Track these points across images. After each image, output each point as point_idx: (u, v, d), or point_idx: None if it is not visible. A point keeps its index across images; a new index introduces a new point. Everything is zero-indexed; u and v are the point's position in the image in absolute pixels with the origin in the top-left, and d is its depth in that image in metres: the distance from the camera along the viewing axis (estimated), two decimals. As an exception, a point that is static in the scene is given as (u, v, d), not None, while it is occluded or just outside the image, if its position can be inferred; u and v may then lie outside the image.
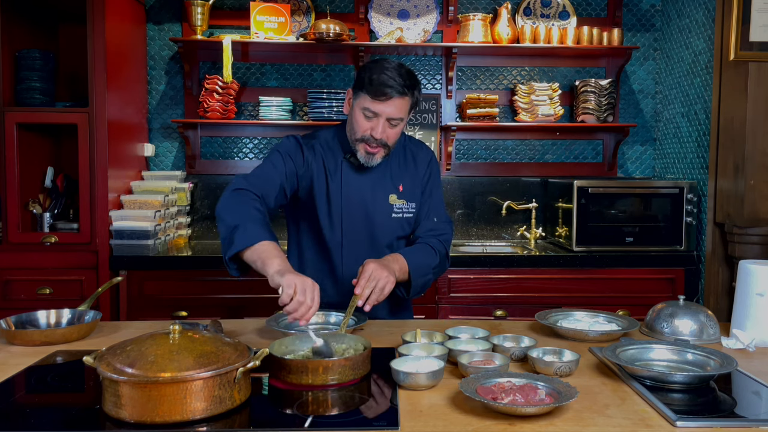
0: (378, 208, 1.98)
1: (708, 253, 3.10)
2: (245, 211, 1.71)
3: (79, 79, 3.35)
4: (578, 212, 3.21)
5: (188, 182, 3.61)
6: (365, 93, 1.83)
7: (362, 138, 1.87)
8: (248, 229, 1.66)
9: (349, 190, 1.95)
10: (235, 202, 1.74)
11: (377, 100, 1.82)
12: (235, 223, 1.68)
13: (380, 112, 1.83)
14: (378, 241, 1.99)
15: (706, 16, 3.16)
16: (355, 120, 1.88)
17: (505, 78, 3.77)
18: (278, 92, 3.67)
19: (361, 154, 1.90)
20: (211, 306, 3.08)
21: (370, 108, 1.83)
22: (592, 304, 2.92)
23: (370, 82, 1.81)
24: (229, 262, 1.69)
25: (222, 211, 1.74)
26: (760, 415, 1.32)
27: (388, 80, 1.80)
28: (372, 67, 1.85)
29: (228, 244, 1.68)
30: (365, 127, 1.86)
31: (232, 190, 1.79)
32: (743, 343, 1.70)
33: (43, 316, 1.83)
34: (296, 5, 3.64)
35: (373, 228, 1.98)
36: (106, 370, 1.22)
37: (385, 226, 1.99)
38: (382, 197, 1.98)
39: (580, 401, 1.32)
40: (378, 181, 1.98)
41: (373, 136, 1.85)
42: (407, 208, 2.01)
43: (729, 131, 2.95)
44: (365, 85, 1.83)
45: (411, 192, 2.03)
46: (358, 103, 1.87)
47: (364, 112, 1.85)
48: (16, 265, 3.04)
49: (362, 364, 1.45)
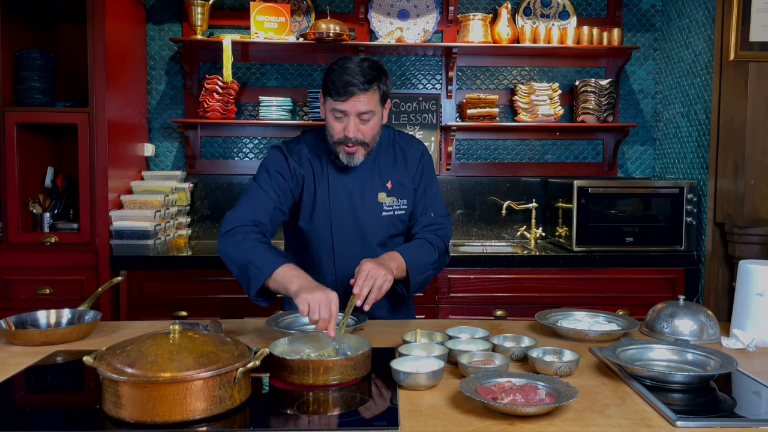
0: (367, 208, 1.97)
1: (708, 253, 3.10)
2: (249, 247, 1.73)
3: (79, 79, 3.35)
4: (578, 212, 3.21)
5: (188, 182, 3.61)
6: (329, 95, 1.84)
7: (338, 140, 1.88)
8: (257, 263, 1.69)
9: (337, 191, 1.95)
10: (235, 242, 1.76)
11: (341, 100, 1.81)
12: (244, 262, 1.71)
13: (348, 110, 1.83)
14: (369, 241, 1.98)
15: (706, 16, 3.16)
16: (329, 123, 1.88)
17: (505, 78, 3.77)
18: (278, 92, 3.67)
19: (342, 155, 1.90)
20: (211, 306, 3.08)
21: (337, 108, 1.83)
22: (592, 304, 2.92)
23: (332, 83, 1.81)
24: (256, 297, 1.73)
25: (225, 255, 1.77)
26: (760, 415, 1.32)
27: (349, 79, 1.80)
28: (333, 68, 1.85)
29: (246, 283, 1.72)
30: (338, 129, 1.86)
31: (225, 232, 1.80)
32: (743, 343, 1.70)
33: (43, 316, 1.83)
34: (296, 5, 3.64)
35: (363, 228, 1.97)
36: (106, 370, 1.22)
37: (376, 225, 1.98)
38: (371, 196, 1.98)
39: (580, 401, 1.32)
40: (365, 180, 1.98)
41: (347, 135, 1.85)
42: (398, 205, 2.00)
43: (729, 131, 2.95)
44: (329, 87, 1.83)
45: (401, 189, 2.01)
46: (327, 106, 1.87)
47: (333, 114, 1.85)
48: (16, 265, 3.04)
49: (363, 363, 1.45)
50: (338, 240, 1.96)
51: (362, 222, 1.96)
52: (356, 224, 1.96)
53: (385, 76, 1.88)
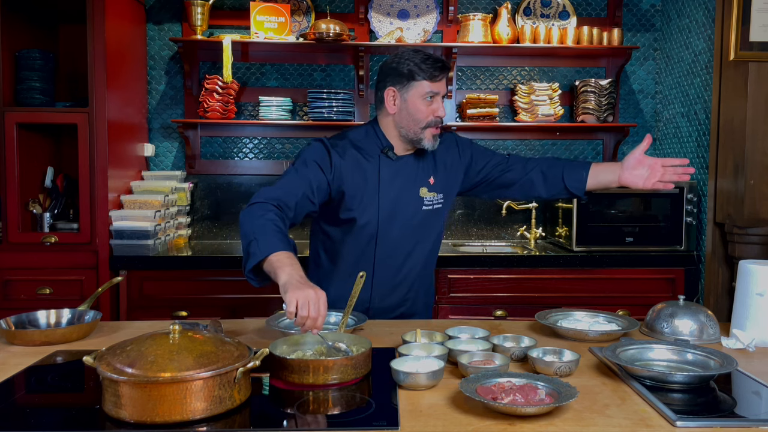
0: (410, 202, 2.02)
1: (708, 253, 3.10)
2: (260, 224, 1.73)
3: (79, 79, 3.35)
4: (578, 212, 3.21)
5: (188, 182, 3.61)
6: (421, 79, 1.89)
7: (429, 123, 1.93)
8: (261, 241, 1.68)
9: (386, 185, 1.99)
10: (252, 216, 1.77)
11: (437, 80, 1.90)
12: (250, 237, 1.71)
13: (439, 90, 1.92)
14: (410, 236, 2.03)
15: (706, 16, 3.16)
16: (416, 110, 1.92)
17: (505, 78, 3.77)
18: (278, 92, 3.67)
19: (428, 140, 1.95)
20: (211, 306, 3.08)
21: (432, 90, 1.90)
22: (592, 304, 2.92)
23: (420, 68, 1.89)
24: (249, 274, 1.72)
25: (241, 225, 1.78)
26: (760, 415, 1.32)
27: (434, 62, 1.89)
28: (407, 57, 1.92)
29: (245, 258, 1.71)
30: (428, 112, 1.92)
31: (251, 204, 1.82)
32: (743, 343, 1.70)
33: (43, 316, 1.83)
34: (296, 5, 3.64)
35: (406, 222, 2.01)
36: (106, 370, 1.22)
37: (417, 219, 2.03)
38: (414, 191, 2.02)
39: (580, 401, 1.32)
40: (410, 175, 2.02)
41: (439, 116, 1.93)
42: (437, 199, 2.06)
43: (729, 131, 2.95)
44: (419, 71, 1.89)
45: (442, 183, 2.08)
46: (415, 93, 1.91)
47: (424, 98, 1.91)
48: (16, 265, 3.04)
49: (363, 363, 1.45)
50: (382, 233, 1.99)
51: (405, 215, 2.01)
52: (399, 218, 2.00)
53: None
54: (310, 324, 1.52)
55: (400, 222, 2.00)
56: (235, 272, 3.07)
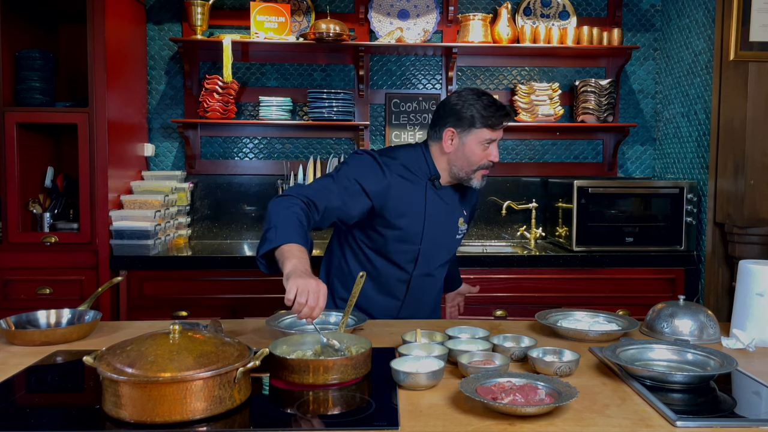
0: (450, 229, 2.10)
1: (708, 253, 3.10)
2: (284, 215, 1.77)
3: (79, 79, 3.35)
4: (578, 212, 3.21)
5: (188, 182, 3.61)
6: (482, 127, 1.93)
7: (482, 166, 1.99)
8: (280, 230, 1.72)
9: (432, 210, 2.03)
10: (279, 206, 1.81)
11: (498, 129, 1.96)
12: (271, 225, 1.75)
13: (497, 137, 1.98)
14: (442, 258, 2.13)
15: (706, 16, 3.16)
16: (472, 153, 1.96)
17: (505, 78, 3.77)
18: (278, 92, 3.67)
19: (477, 180, 2.02)
20: (211, 306, 3.08)
21: (490, 138, 1.95)
22: (592, 304, 2.92)
23: (482, 116, 1.92)
24: (261, 259, 1.75)
25: (269, 210, 1.82)
26: (760, 415, 1.32)
27: (497, 110, 1.93)
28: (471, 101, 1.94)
29: (261, 242, 1.75)
30: (482, 156, 1.97)
31: (281, 195, 1.87)
32: (743, 343, 1.70)
33: (43, 316, 1.83)
34: (296, 5, 3.64)
35: (442, 246, 2.10)
36: (106, 370, 1.22)
37: (451, 245, 2.15)
38: (453, 220, 2.10)
39: (580, 401, 1.32)
40: (452, 205, 2.10)
41: (492, 160, 1.99)
42: (463, 230, 2.16)
43: (729, 131, 2.95)
44: (478, 120, 1.92)
45: (468, 216, 2.20)
46: (474, 138, 1.95)
47: (482, 144, 1.95)
48: (16, 265, 3.04)
49: (363, 363, 1.45)
50: (423, 255, 2.05)
51: (444, 241, 2.10)
52: (439, 242, 2.08)
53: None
54: (307, 312, 1.53)
55: (439, 247, 2.08)
56: (235, 272, 3.07)
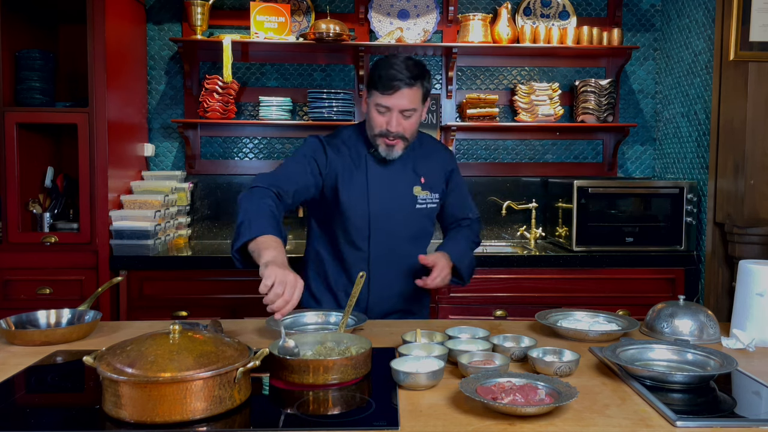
0: (403, 200, 2.04)
1: (708, 253, 3.10)
2: (255, 208, 1.77)
3: (79, 79, 3.35)
4: (578, 212, 3.21)
5: (188, 182, 3.61)
6: (375, 90, 1.91)
7: (380, 133, 1.95)
8: (253, 223, 1.72)
9: (375, 182, 2.01)
10: (251, 199, 1.81)
11: (386, 94, 1.90)
12: (244, 218, 1.75)
13: (392, 106, 1.91)
14: (404, 233, 2.05)
15: (706, 16, 3.16)
16: (371, 117, 1.96)
17: (505, 78, 3.77)
18: (278, 92, 3.67)
19: (382, 148, 1.98)
20: (211, 306, 3.08)
21: (381, 103, 1.91)
22: (592, 304, 2.92)
23: (379, 78, 1.90)
24: (235, 254, 1.75)
25: (240, 205, 1.82)
26: (760, 415, 1.32)
27: (395, 74, 1.88)
28: (380, 63, 1.93)
29: (235, 237, 1.75)
30: (380, 122, 1.94)
31: (249, 188, 1.87)
32: (743, 343, 1.70)
33: (43, 316, 1.83)
34: (296, 5, 3.64)
35: (398, 219, 2.04)
36: (106, 370, 1.22)
37: (410, 217, 2.06)
38: (406, 188, 2.05)
39: (580, 401, 1.32)
40: (401, 174, 2.05)
41: (389, 129, 1.93)
42: (431, 198, 2.08)
43: (729, 131, 2.95)
44: (375, 82, 1.91)
45: (434, 183, 2.10)
46: (372, 101, 1.95)
47: (377, 108, 1.93)
48: (16, 265, 3.04)
49: (363, 363, 1.45)
50: (375, 229, 2.01)
51: (397, 213, 2.03)
52: (392, 215, 2.03)
53: (429, 75, 1.98)
54: (281, 304, 1.49)
55: (394, 220, 2.03)
56: (235, 272, 3.07)
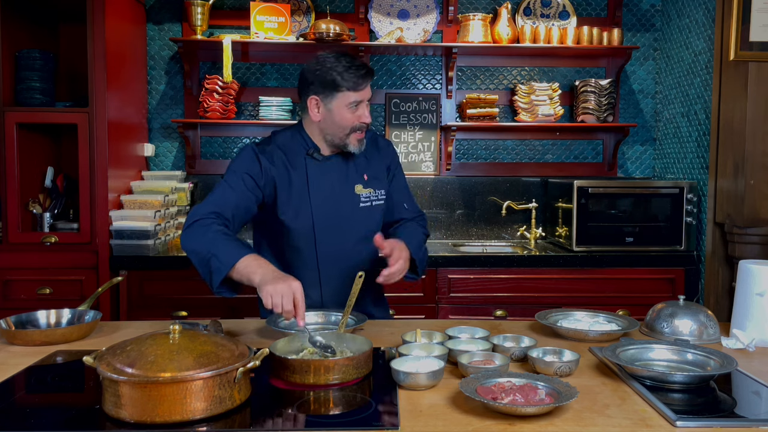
0: (345, 200, 1.99)
1: (708, 253, 3.10)
2: (210, 238, 1.73)
3: (79, 79, 3.35)
4: (578, 212, 3.21)
5: (188, 182, 3.61)
6: (344, 90, 1.87)
7: (354, 128, 1.92)
8: (221, 254, 1.68)
9: (315, 185, 1.96)
10: (197, 233, 1.75)
11: (360, 90, 1.89)
12: (206, 254, 1.70)
13: (363, 98, 1.91)
14: (350, 233, 1.99)
15: (706, 16, 3.16)
16: (341, 118, 1.91)
17: (505, 78, 3.77)
18: (278, 92, 3.67)
19: (354, 144, 1.94)
20: (211, 306, 3.07)
21: (354, 99, 1.89)
22: (592, 304, 2.92)
23: (344, 78, 1.86)
24: (219, 290, 1.71)
25: (188, 246, 1.76)
26: (760, 415, 1.32)
27: (358, 68, 1.87)
28: (330, 65, 1.88)
29: (208, 275, 1.70)
30: (352, 119, 1.91)
31: (190, 223, 1.79)
32: (743, 343, 1.70)
33: (43, 316, 1.83)
34: (296, 5, 3.64)
35: (343, 220, 1.98)
36: (106, 370, 1.22)
37: (356, 216, 2.00)
38: (348, 188, 2.00)
39: (580, 401, 1.32)
40: (342, 174, 2.00)
41: (364, 122, 1.92)
42: (375, 196, 2.04)
43: (729, 131, 2.95)
44: (342, 82, 1.87)
45: (377, 180, 2.06)
46: (339, 103, 1.89)
47: (348, 106, 1.89)
48: (16, 265, 3.04)
49: (364, 363, 1.45)
50: (320, 233, 1.96)
51: (342, 214, 1.98)
52: (336, 217, 1.98)
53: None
54: (289, 316, 1.57)
55: (337, 221, 1.98)
56: (235, 272, 3.06)
